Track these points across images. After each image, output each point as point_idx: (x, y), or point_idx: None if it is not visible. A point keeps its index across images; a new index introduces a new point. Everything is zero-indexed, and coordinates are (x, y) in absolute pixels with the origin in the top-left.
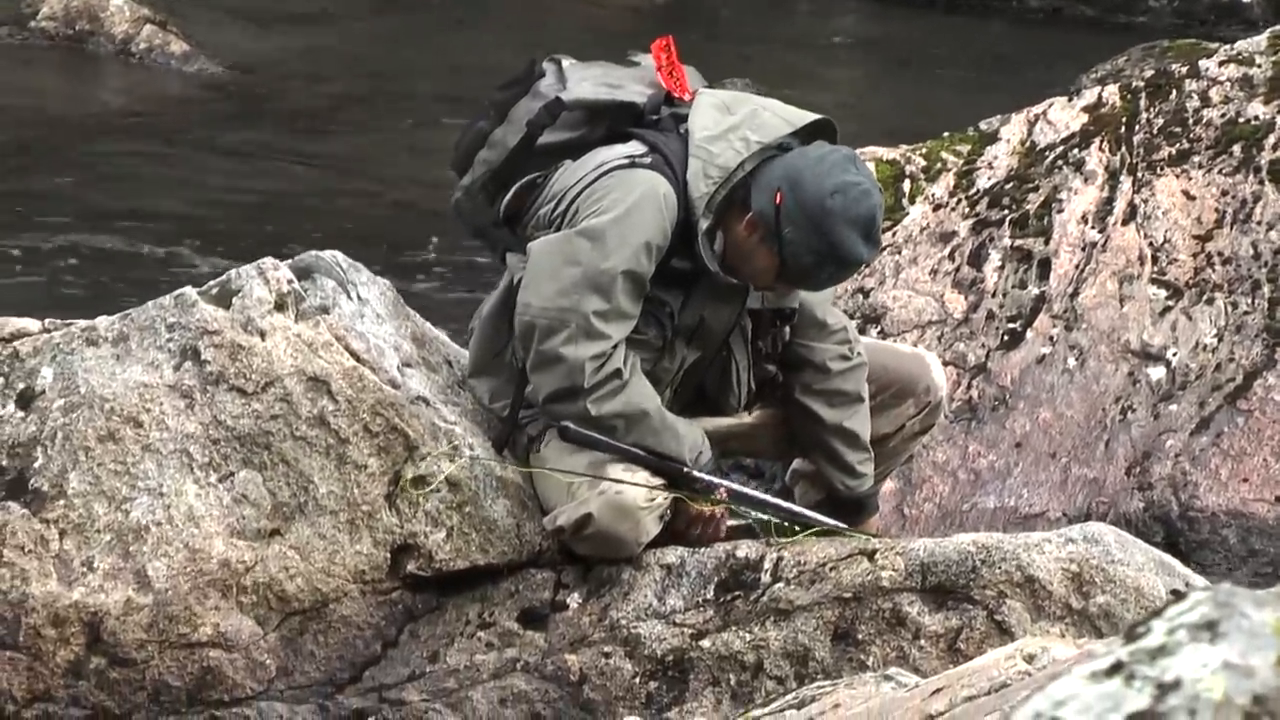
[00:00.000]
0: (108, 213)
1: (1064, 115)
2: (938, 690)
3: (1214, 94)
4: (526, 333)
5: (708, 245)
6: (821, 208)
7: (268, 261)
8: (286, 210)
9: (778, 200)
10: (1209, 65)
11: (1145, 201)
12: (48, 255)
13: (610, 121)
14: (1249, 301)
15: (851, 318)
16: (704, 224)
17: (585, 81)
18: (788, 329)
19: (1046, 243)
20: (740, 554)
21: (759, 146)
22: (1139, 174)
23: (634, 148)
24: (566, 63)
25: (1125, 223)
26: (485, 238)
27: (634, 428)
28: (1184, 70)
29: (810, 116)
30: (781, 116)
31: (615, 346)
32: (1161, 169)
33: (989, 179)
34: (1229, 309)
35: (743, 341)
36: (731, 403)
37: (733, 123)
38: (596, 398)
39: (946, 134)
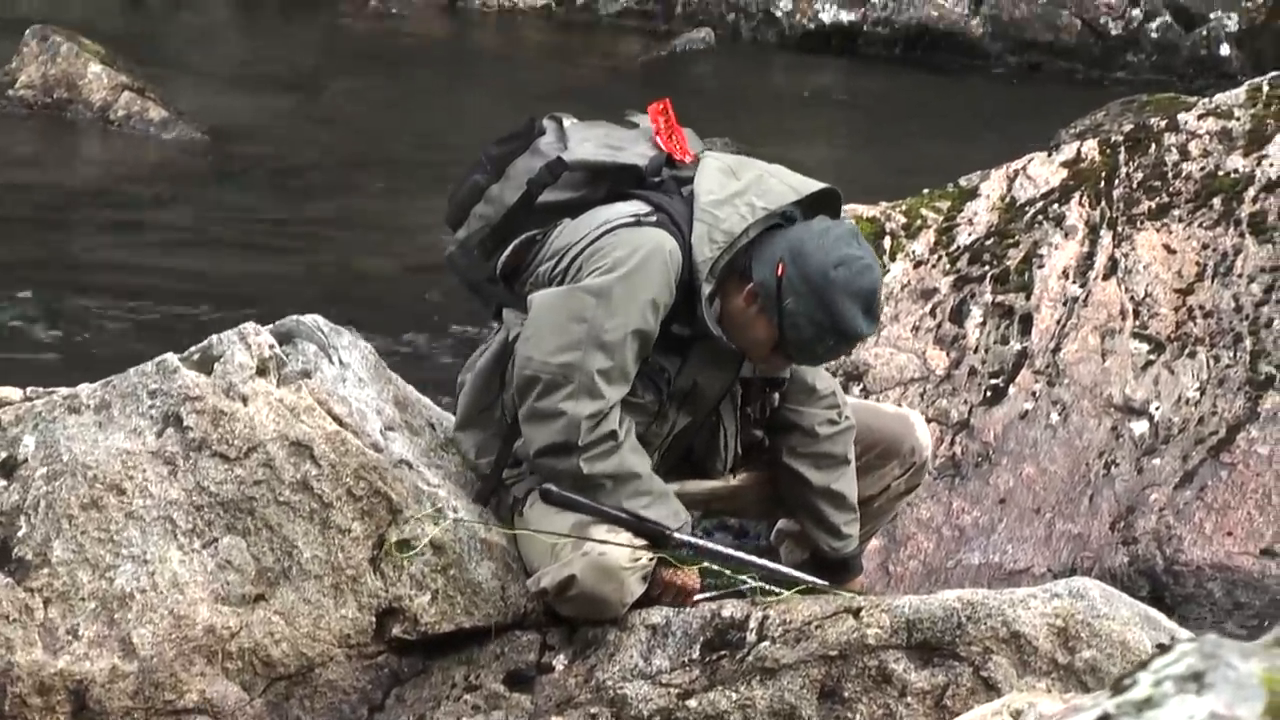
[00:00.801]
0: (88, 280)
1: (1043, 170)
2: None
3: (1193, 147)
4: (526, 386)
5: (709, 310)
6: (825, 279)
7: (249, 327)
8: (267, 275)
9: (780, 271)
10: (1188, 119)
11: (1126, 256)
12: (28, 323)
13: (611, 183)
14: (1231, 355)
15: (834, 375)
16: (706, 289)
17: (587, 142)
18: (776, 395)
19: (1028, 298)
20: (726, 613)
21: (764, 213)
22: (1119, 228)
23: (638, 207)
24: (567, 122)
25: (1106, 277)
26: (479, 293)
27: (621, 489)
28: (1163, 124)
29: (816, 185)
30: (787, 184)
31: (612, 407)
32: (1142, 223)
33: (969, 235)
34: (1211, 362)
35: (732, 407)
36: (718, 466)
37: (738, 188)
38: (589, 456)
39: (926, 190)
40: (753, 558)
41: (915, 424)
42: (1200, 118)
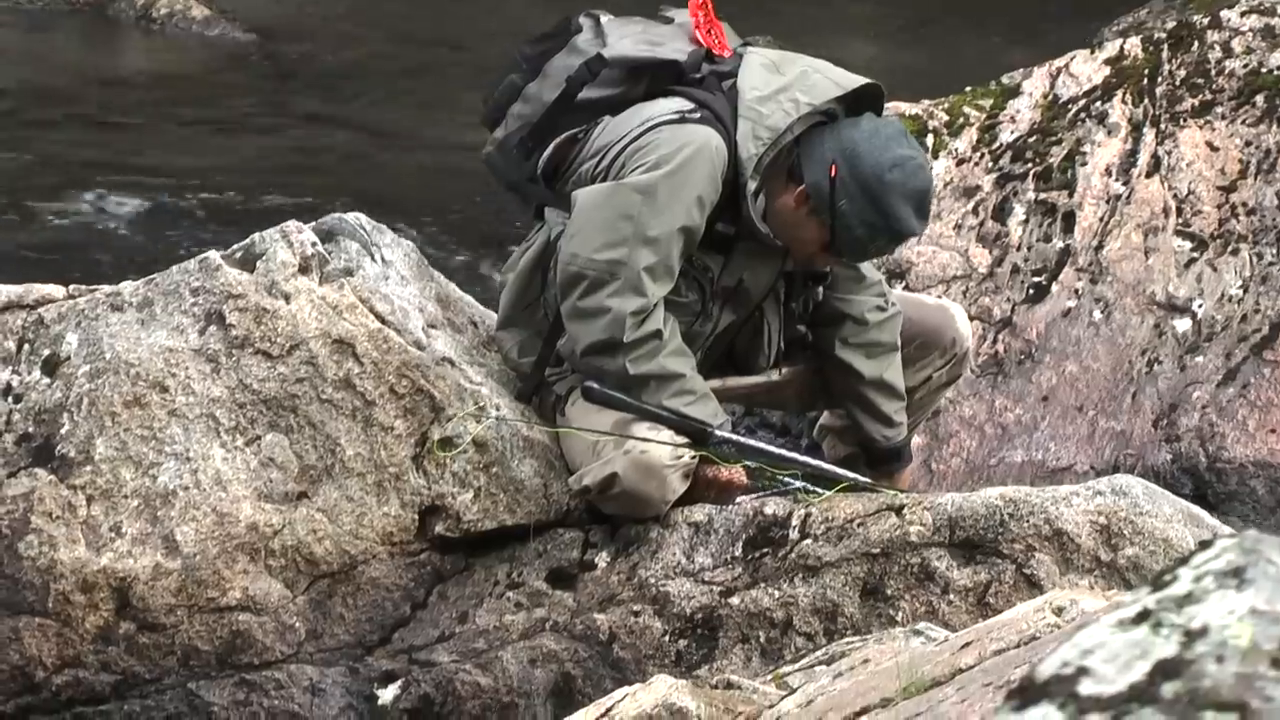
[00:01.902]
0: (130, 178)
1: (1086, 68)
2: (967, 644)
3: (1236, 44)
4: (571, 282)
5: (754, 207)
6: (880, 181)
7: (291, 225)
8: (309, 173)
9: (833, 173)
10: (1230, 16)
11: (1169, 153)
12: (72, 221)
13: (651, 79)
14: (1274, 252)
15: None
16: (751, 185)
17: (626, 39)
18: (820, 290)
19: (1070, 196)
20: (768, 511)
21: (808, 109)
22: (1162, 126)
23: (681, 104)
24: (604, 19)
25: (1149, 175)
26: (519, 192)
27: (664, 388)
28: (1206, 21)
29: (859, 80)
30: (831, 79)
31: (656, 304)
32: (1184, 120)
33: (1012, 133)
34: (1254, 259)
35: (775, 304)
36: (761, 362)
37: (783, 83)
38: (635, 356)
39: (969, 88)
40: (795, 455)
41: (956, 315)
42: (1243, 15)
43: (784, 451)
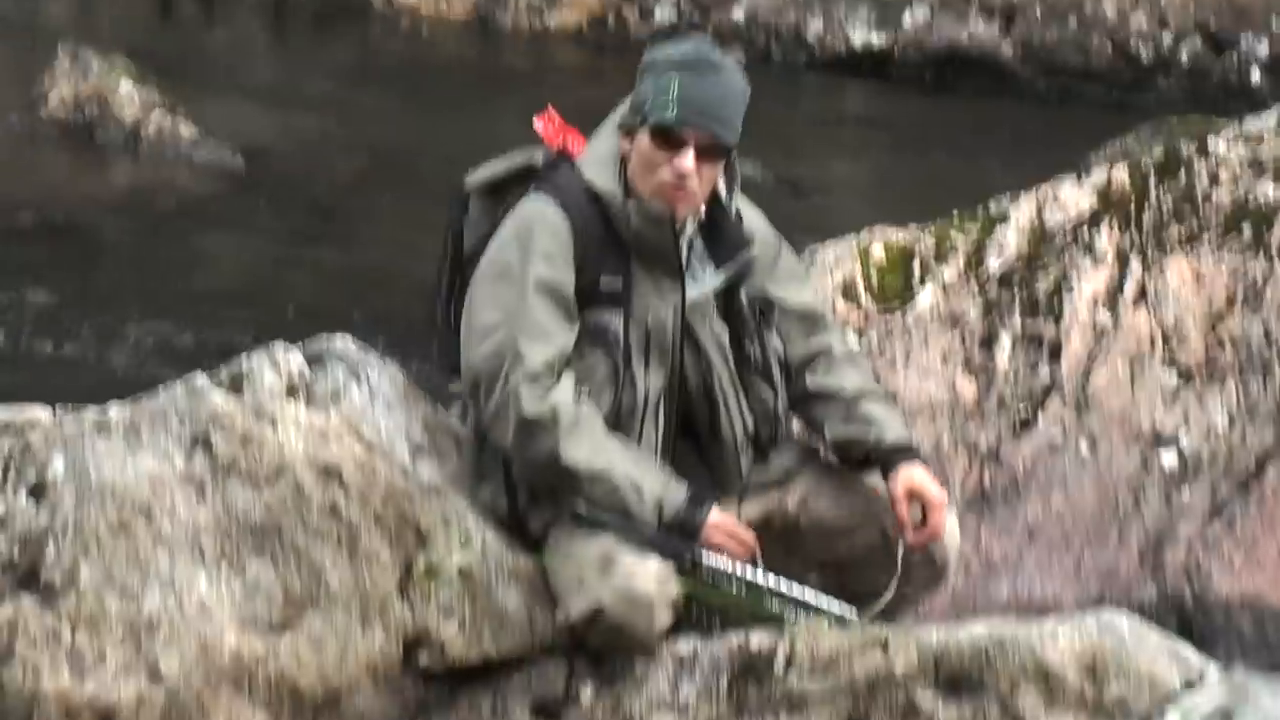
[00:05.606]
0: (118, 299)
1: (1073, 195)
2: None
3: (1223, 173)
4: (473, 391)
5: (634, 206)
6: (649, 55)
7: (279, 348)
8: (296, 295)
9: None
10: (1218, 144)
11: (1156, 283)
12: (58, 343)
13: (516, 189)
14: (1260, 384)
15: None
16: (618, 191)
17: (483, 166)
18: (774, 332)
19: (1057, 325)
20: (753, 645)
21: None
22: (1149, 255)
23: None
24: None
25: (1136, 304)
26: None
27: (610, 476)
28: (1193, 149)
29: None
30: None
31: (548, 370)
32: (1171, 249)
33: (999, 261)
34: (1240, 392)
35: (721, 355)
36: (726, 434)
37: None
38: (569, 441)
39: (955, 214)
40: (782, 583)
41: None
42: (1230, 143)
43: (770, 581)
